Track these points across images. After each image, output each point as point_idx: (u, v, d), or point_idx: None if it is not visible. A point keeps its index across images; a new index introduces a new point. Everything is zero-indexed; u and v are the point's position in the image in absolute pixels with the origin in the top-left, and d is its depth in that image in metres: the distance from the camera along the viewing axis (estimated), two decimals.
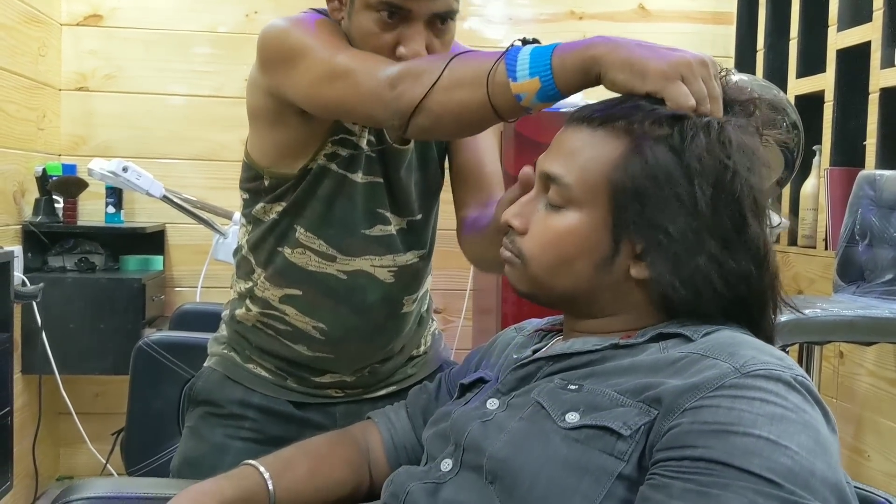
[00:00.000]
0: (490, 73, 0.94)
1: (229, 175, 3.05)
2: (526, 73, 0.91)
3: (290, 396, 1.34)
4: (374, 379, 1.37)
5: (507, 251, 0.93)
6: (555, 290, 0.90)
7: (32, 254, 2.75)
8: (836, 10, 2.59)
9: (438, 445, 0.92)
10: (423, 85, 0.99)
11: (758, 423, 0.69)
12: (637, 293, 0.88)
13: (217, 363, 1.38)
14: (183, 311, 2.52)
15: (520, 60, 0.92)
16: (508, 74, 0.92)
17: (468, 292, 3.10)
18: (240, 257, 1.36)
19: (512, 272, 0.94)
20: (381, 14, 1.10)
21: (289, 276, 1.28)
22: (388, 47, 1.11)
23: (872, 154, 2.37)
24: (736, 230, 0.83)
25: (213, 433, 1.33)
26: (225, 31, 3.06)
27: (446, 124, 1.03)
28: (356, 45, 1.14)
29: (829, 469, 0.69)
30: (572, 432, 0.77)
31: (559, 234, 0.88)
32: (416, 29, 1.10)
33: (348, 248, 1.26)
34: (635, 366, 0.81)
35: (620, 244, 0.86)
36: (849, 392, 2.49)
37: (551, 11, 3.27)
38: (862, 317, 1.90)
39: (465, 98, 0.97)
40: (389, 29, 1.10)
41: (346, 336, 1.30)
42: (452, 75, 0.98)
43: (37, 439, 2.76)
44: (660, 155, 0.83)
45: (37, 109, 2.83)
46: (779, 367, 0.74)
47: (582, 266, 0.87)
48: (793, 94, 2.79)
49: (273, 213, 1.28)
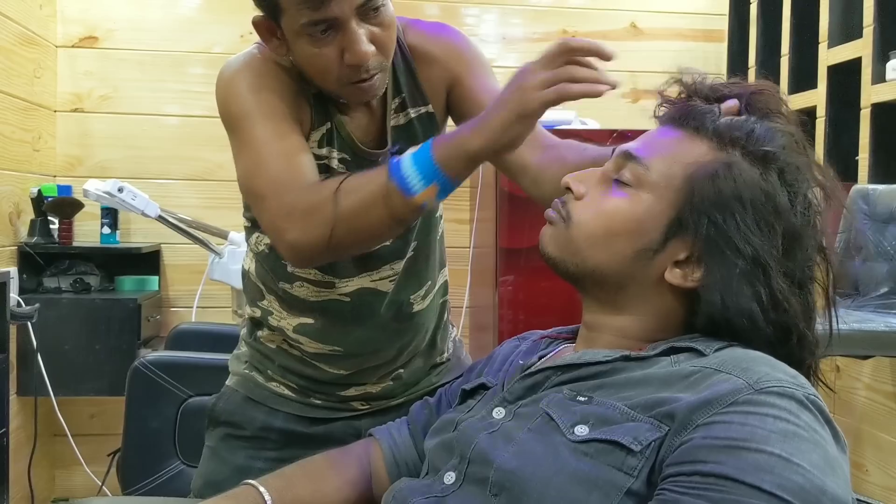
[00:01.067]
0: (384, 197, 0.98)
1: (224, 195, 3.06)
2: (420, 184, 0.96)
3: (315, 413, 1.34)
4: (399, 388, 1.37)
5: (553, 211, 0.93)
6: (587, 262, 0.89)
7: (28, 275, 2.74)
8: (827, 26, 2.61)
9: (442, 456, 0.91)
10: (321, 227, 1.02)
11: (770, 440, 0.68)
12: (667, 300, 0.88)
13: (238, 383, 1.37)
14: (179, 331, 2.52)
15: (407, 175, 0.96)
16: (404, 192, 0.96)
17: (465, 309, 3.10)
18: (247, 282, 1.35)
19: (549, 231, 0.92)
20: (311, 34, 1.07)
21: (297, 307, 1.28)
22: (336, 60, 1.09)
23: (865, 168, 2.39)
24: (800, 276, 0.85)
25: (234, 455, 1.32)
26: (220, 51, 3.07)
27: (356, 249, 1.14)
28: (311, 74, 1.13)
29: (840, 489, 0.68)
30: (581, 445, 0.77)
31: (616, 207, 0.88)
32: (348, 32, 1.07)
33: (343, 271, 1.25)
34: (647, 379, 0.81)
35: (670, 241, 0.86)
36: (846, 406, 2.49)
37: (544, 30, 3.29)
38: (858, 330, 1.90)
39: (370, 223, 1.01)
40: (327, 43, 1.08)
41: (363, 350, 1.30)
42: (348, 206, 1.01)
43: (32, 461, 2.74)
44: (752, 180, 0.84)
45: (32, 131, 2.83)
46: (792, 384, 0.74)
47: (623, 246, 0.87)
48: None
49: (263, 245, 1.28)
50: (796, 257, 0.85)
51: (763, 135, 0.86)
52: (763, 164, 0.85)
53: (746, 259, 0.83)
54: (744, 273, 0.83)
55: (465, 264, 3.08)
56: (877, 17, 2.37)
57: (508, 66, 3.23)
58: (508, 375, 0.96)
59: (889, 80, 2.32)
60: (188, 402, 2.04)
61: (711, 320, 0.85)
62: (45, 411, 2.77)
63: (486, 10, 3.27)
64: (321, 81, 1.14)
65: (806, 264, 0.86)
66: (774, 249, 0.83)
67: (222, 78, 1.19)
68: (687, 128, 0.89)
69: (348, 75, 1.10)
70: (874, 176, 2.36)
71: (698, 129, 0.88)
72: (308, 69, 1.13)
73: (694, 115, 0.89)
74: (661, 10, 3.34)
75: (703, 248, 0.84)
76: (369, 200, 1.00)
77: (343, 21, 1.06)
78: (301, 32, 1.08)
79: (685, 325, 0.88)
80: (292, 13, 1.06)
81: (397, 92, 1.24)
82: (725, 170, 0.85)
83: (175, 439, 2.04)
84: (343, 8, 1.05)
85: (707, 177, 0.85)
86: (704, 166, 0.85)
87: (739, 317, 0.83)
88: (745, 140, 0.86)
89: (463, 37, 1.27)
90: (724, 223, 0.83)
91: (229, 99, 1.16)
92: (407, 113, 1.24)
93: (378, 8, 1.09)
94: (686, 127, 0.89)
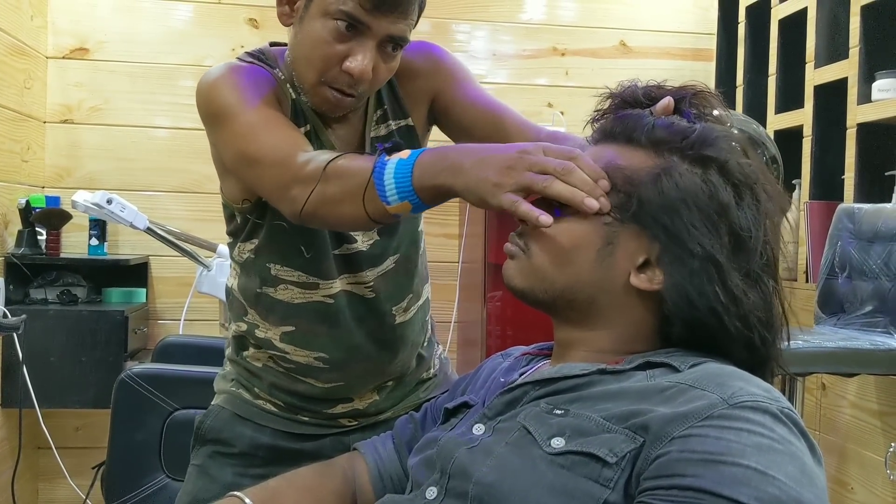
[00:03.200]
0: (364, 195, 0.99)
1: (213, 207, 3.04)
2: (395, 197, 0.97)
3: (302, 430, 1.34)
4: (386, 403, 1.37)
5: (512, 245, 0.94)
6: (556, 284, 0.90)
7: (14, 286, 2.73)
8: (814, 47, 2.64)
9: (424, 473, 0.91)
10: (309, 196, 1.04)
11: (746, 453, 0.69)
12: (637, 308, 0.89)
13: (225, 401, 1.36)
14: (166, 344, 2.51)
15: (387, 185, 0.97)
16: (381, 198, 0.98)
17: (453, 324, 3.11)
18: (231, 298, 1.36)
19: (513, 266, 0.93)
20: (337, 24, 1.09)
21: (279, 314, 1.29)
22: (338, 57, 1.11)
23: (851, 188, 2.41)
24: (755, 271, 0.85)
25: (223, 472, 1.31)
26: (211, 64, 3.04)
27: (340, 227, 1.18)
28: (302, 53, 1.15)
29: (817, 499, 0.69)
30: (558, 458, 0.77)
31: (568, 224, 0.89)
32: (367, 45, 1.10)
33: (326, 272, 1.26)
34: (623, 392, 0.81)
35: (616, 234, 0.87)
36: (831, 424, 2.50)
37: (534, 48, 3.31)
38: (843, 348, 1.91)
39: (347, 213, 1.03)
40: (342, 41, 1.10)
41: (347, 358, 1.30)
42: (333, 188, 1.02)
43: (16, 474, 2.72)
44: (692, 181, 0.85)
45: (21, 141, 2.83)
46: (766, 398, 0.75)
47: (584, 255, 0.88)
48: (772, 129, 2.83)
49: (247, 253, 1.28)
50: (748, 252, 0.85)
51: (700, 136, 0.88)
52: (703, 165, 0.86)
53: (698, 259, 0.84)
54: (698, 272, 0.84)
55: (454, 279, 3.08)
56: (862, 38, 2.40)
57: (499, 83, 3.25)
58: (490, 392, 0.96)
59: (875, 100, 2.35)
60: (174, 416, 2.03)
61: (681, 323, 0.86)
62: (30, 423, 2.75)
63: (477, 26, 3.29)
64: (305, 65, 1.15)
65: (758, 258, 0.86)
66: (724, 247, 0.84)
67: (205, 81, 1.20)
68: (619, 140, 0.91)
69: (335, 77, 1.13)
70: (859, 195, 2.38)
71: (631, 140, 0.90)
72: (304, 49, 1.14)
73: (625, 125, 0.91)
74: (651, 29, 3.37)
75: (658, 251, 0.86)
76: (352, 191, 1.01)
77: (370, 35, 1.10)
78: (330, 14, 1.10)
79: (659, 335, 0.89)
80: None
81: (379, 105, 1.27)
82: (665, 174, 0.86)
83: (160, 453, 2.03)
84: (381, 26, 1.10)
85: (649, 181, 0.86)
86: (644, 172, 0.87)
87: (705, 316, 0.84)
88: (680, 143, 0.87)
89: (443, 51, 1.30)
90: (673, 225, 0.85)
91: (213, 95, 1.17)
92: (388, 125, 1.27)
93: (397, 49, 1.15)
94: (618, 140, 0.91)
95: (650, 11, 3.37)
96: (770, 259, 0.87)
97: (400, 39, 1.13)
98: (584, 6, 3.34)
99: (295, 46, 1.17)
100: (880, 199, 2.33)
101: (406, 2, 1.10)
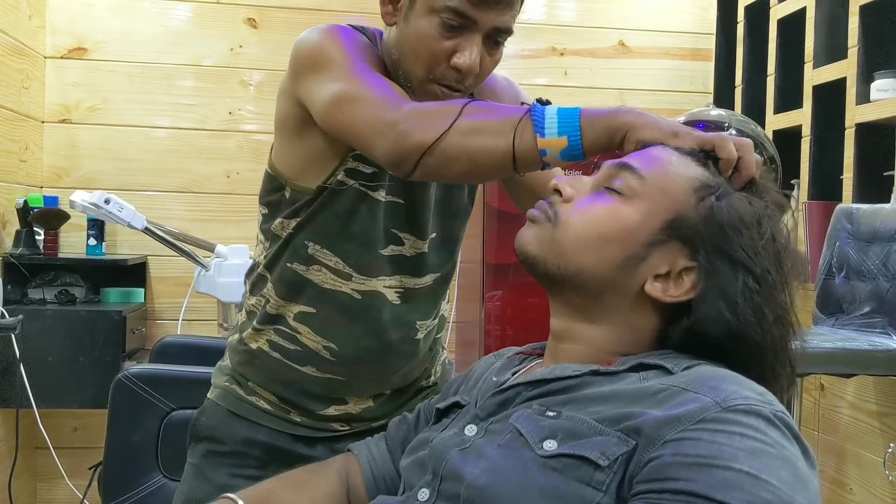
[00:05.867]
0: (518, 125, 0.96)
1: (212, 207, 3.06)
2: (555, 130, 0.95)
3: (295, 430, 1.32)
4: (380, 411, 1.35)
5: (537, 210, 0.93)
6: (570, 265, 0.89)
7: (12, 286, 2.73)
8: (813, 47, 2.64)
9: (416, 474, 0.91)
10: (436, 127, 1.00)
11: (738, 457, 0.69)
12: (642, 314, 0.89)
13: (220, 397, 1.36)
14: (164, 344, 2.50)
15: (547, 118, 0.96)
16: (536, 129, 0.95)
17: (451, 324, 3.10)
18: (255, 276, 1.33)
19: (532, 230, 0.92)
20: (443, 20, 1.10)
21: (304, 294, 1.27)
22: (445, 53, 1.12)
23: (849, 188, 2.41)
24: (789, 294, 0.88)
25: (217, 473, 1.30)
26: (209, 64, 3.08)
27: (457, 168, 1.02)
28: (409, 50, 1.15)
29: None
30: (550, 461, 0.77)
31: (612, 212, 0.88)
32: (474, 40, 1.11)
33: (365, 267, 1.25)
34: (616, 394, 0.81)
35: (652, 253, 0.87)
36: (830, 424, 2.50)
37: (533, 47, 3.31)
38: (841, 349, 1.91)
39: (487, 144, 0.98)
40: (449, 36, 1.11)
41: (357, 357, 1.28)
42: (473, 121, 1.00)
43: (13, 474, 2.72)
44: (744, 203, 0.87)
45: (19, 141, 2.82)
46: (759, 402, 0.74)
47: (614, 252, 0.88)
48: (770, 129, 2.83)
49: (290, 229, 1.26)
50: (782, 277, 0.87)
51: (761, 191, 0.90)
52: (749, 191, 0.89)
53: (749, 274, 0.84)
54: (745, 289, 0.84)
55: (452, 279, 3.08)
56: (861, 38, 2.40)
57: None
58: (482, 392, 0.96)
59: (873, 100, 2.35)
60: (171, 416, 2.02)
61: (694, 335, 0.86)
62: (28, 423, 2.75)
63: None
64: (413, 62, 1.15)
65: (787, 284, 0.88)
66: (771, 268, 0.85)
67: (312, 32, 1.18)
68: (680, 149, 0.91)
69: (443, 74, 1.13)
70: (858, 195, 2.38)
71: (691, 153, 0.90)
72: (411, 45, 1.14)
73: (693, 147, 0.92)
74: (650, 29, 3.37)
75: (702, 263, 0.86)
76: (497, 124, 0.99)
77: (476, 28, 1.10)
78: (437, 11, 1.10)
79: (655, 341, 0.89)
80: None
81: None
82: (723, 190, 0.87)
83: (157, 453, 2.02)
84: (487, 19, 1.10)
85: (705, 195, 0.87)
86: (701, 184, 0.88)
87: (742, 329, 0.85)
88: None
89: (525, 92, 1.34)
90: (726, 241, 0.85)
91: (322, 42, 1.16)
92: None
93: (502, 42, 1.15)
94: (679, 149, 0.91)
95: (649, 11, 3.37)
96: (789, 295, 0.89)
97: (506, 31, 1.13)
98: (583, 6, 3.34)
99: (401, 44, 1.16)
100: (879, 199, 2.32)
101: None
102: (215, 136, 3.03)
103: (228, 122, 3.06)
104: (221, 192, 3.10)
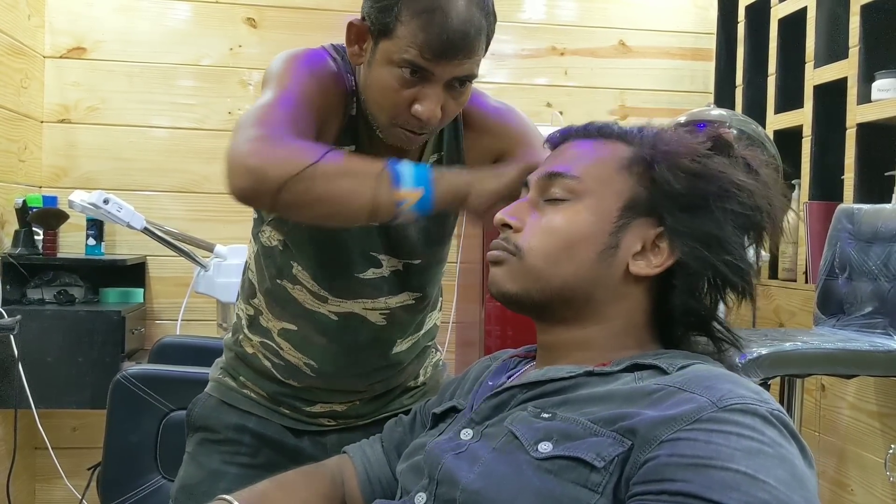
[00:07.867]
0: (379, 174, 1.02)
1: (211, 207, 3.05)
2: (410, 182, 1.01)
3: (284, 421, 1.36)
4: (365, 410, 1.38)
5: (497, 251, 0.93)
6: (552, 282, 0.90)
7: (11, 286, 2.72)
8: (814, 47, 2.64)
9: (412, 479, 0.91)
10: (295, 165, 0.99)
11: (735, 457, 0.68)
12: (632, 298, 0.90)
13: (213, 389, 1.40)
14: (163, 344, 2.49)
15: (403, 172, 1.02)
16: (393, 181, 1.01)
17: (451, 325, 3.10)
18: (245, 279, 1.37)
19: (502, 271, 0.93)
20: (402, 71, 1.09)
21: (287, 309, 1.29)
22: (406, 102, 1.11)
23: (850, 188, 2.40)
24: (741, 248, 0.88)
25: (210, 459, 1.34)
26: (208, 64, 3.07)
27: (316, 209, 1.02)
28: (372, 97, 1.14)
29: (807, 503, 0.68)
30: (545, 463, 0.76)
31: (564, 221, 0.90)
32: (434, 89, 1.10)
33: (339, 291, 1.26)
34: (611, 394, 0.81)
35: (623, 235, 0.89)
36: (831, 425, 2.49)
37: (533, 47, 3.30)
38: (842, 349, 1.90)
39: (350, 187, 1.01)
40: (408, 86, 1.10)
41: (336, 373, 1.31)
42: (336, 165, 1.02)
43: (12, 474, 2.71)
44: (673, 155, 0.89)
45: (18, 141, 2.82)
46: (755, 401, 0.74)
47: (586, 252, 0.89)
48: (771, 129, 2.82)
49: (275, 241, 1.28)
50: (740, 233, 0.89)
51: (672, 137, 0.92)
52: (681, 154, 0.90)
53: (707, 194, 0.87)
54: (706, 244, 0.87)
55: (452, 280, 3.07)
56: (862, 38, 2.39)
57: (498, 83, 3.24)
58: (478, 396, 0.95)
59: (874, 100, 2.34)
60: (170, 416, 2.02)
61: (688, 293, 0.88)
62: (26, 424, 2.75)
63: None
64: (376, 108, 1.15)
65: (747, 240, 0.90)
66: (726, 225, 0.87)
67: (288, 52, 1.19)
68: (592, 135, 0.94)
69: (405, 120, 1.12)
70: (859, 195, 2.38)
71: (604, 134, 0.93)
72: (373, 93, 1.14)
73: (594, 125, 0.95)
74: (650, 29, 3.36)
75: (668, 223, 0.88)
76: (358, 172, 1.03)
77: (436, 79, 1.10)
78: (394, 63, 1.09)
79: (651, 327, 0.90)
80: (402, 45, 1.07)
81: (437, 149, 1.26)
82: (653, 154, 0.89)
83: (156, 454, 2.02)
84: (447, 71, 1.09)
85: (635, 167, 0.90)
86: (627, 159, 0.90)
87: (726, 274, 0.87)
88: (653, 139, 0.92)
89: (521, 116, 1.30)
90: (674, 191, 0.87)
91: (276, 66, 1.17)
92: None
93: (465, 84, 1.13)
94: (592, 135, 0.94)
95: (649, 11, 3.36)
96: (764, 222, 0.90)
97: (466, 78, 1.12)
98: (583, 6, 3.33)
99: (365, 88, 1.16)
100: (880, 199, 2.32)
101: (468, 46, 1.08)
102: (215, 135, 3.02)
103: (228, 121, 3.05)
104: (221, 191, 3.05)
